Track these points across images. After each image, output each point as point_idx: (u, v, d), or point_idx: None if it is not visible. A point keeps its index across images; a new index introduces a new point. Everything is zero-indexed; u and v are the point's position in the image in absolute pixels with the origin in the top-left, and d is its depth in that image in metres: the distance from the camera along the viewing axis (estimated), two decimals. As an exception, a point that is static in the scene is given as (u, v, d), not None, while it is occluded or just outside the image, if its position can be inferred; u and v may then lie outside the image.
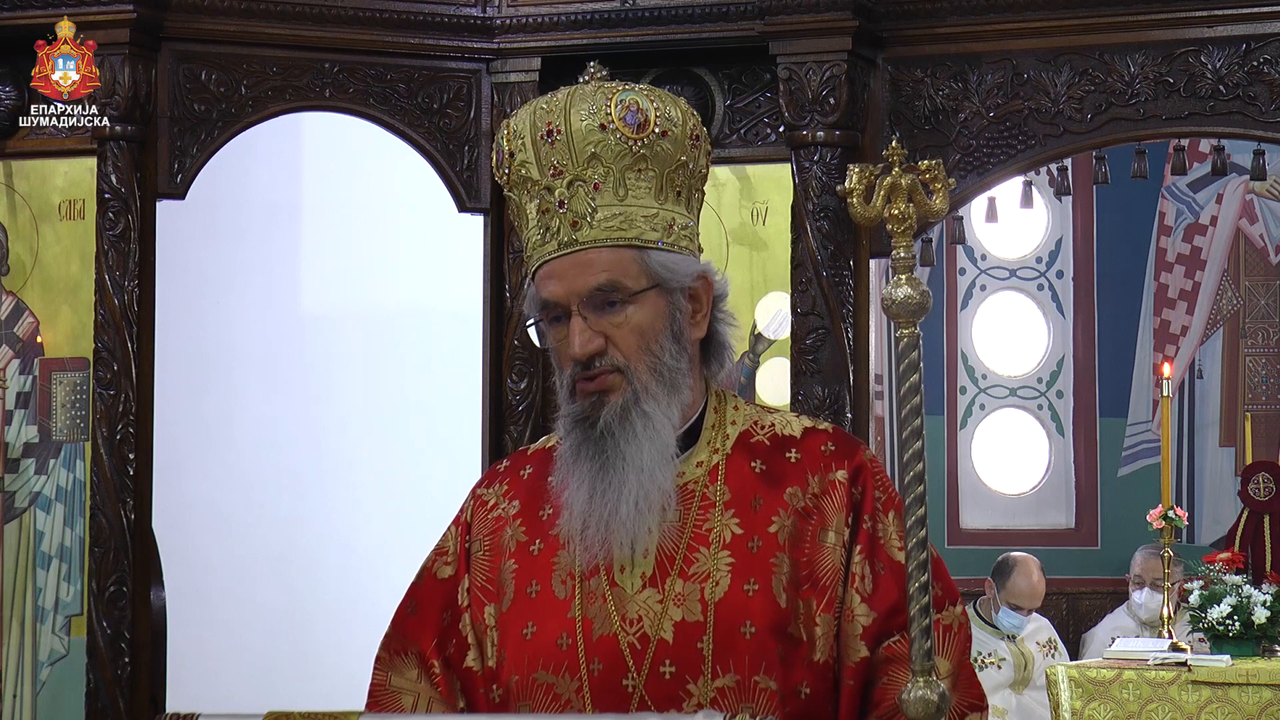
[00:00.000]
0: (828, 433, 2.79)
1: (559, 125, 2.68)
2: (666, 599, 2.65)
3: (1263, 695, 7.39)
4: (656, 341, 2.68)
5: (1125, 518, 10.08)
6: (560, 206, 2.69)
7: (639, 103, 2.68)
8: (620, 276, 2.67)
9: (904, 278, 2.37)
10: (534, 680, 2.67)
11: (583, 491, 2.67)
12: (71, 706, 5.83)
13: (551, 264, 2.71)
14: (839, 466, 2.73)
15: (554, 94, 2.73)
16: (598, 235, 2.68)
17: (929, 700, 2.34)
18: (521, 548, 2.76)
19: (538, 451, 2.88)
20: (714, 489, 2.71)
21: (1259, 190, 10.63)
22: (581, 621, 2.67)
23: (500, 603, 2.75)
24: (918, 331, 2.35)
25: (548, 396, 6.11)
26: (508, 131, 2.74)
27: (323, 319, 7.40)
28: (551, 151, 2.68)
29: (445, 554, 2.87)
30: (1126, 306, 10.81)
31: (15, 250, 6.06)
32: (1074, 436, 10.93)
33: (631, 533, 2.65)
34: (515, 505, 2.81)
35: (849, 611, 2.67)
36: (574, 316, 2.67)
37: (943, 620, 2.68)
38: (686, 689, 2.62)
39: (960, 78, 5.78)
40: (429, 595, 2.84)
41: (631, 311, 2.67)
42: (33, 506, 5.97)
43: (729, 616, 2.63)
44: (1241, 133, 5.75)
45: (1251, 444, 10.14)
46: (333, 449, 7.27)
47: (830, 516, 2.70)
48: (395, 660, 2.81)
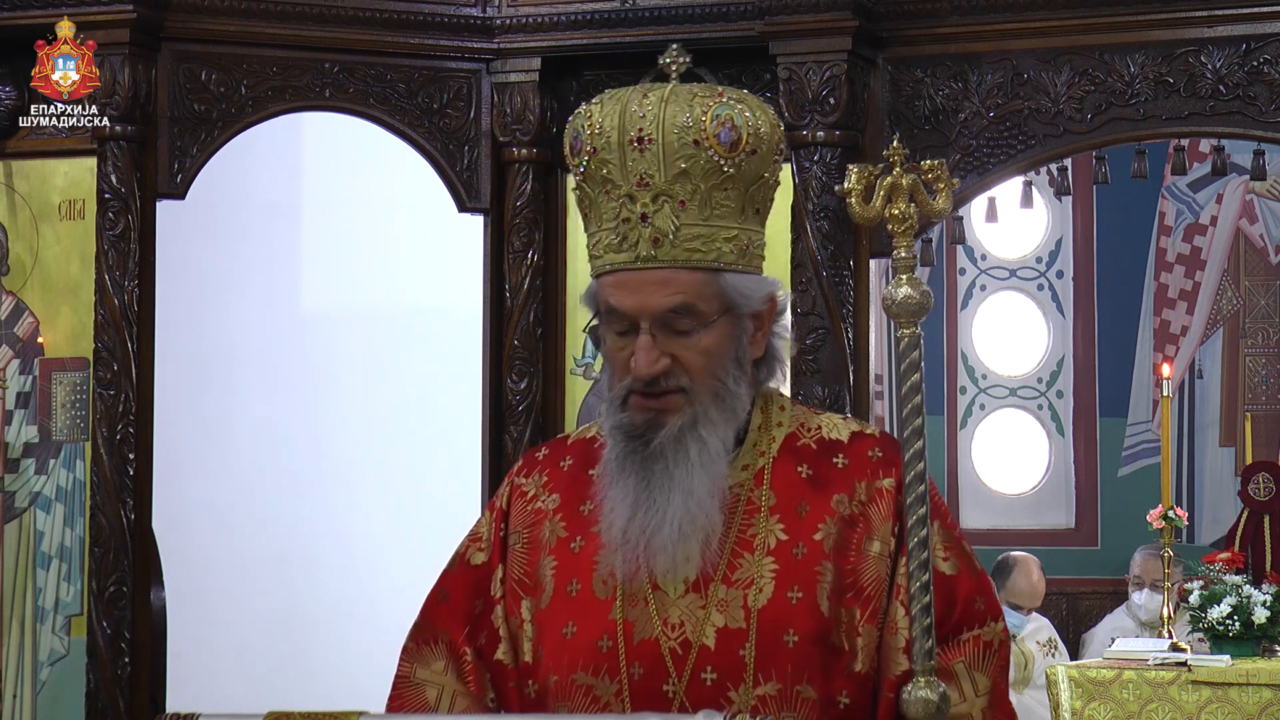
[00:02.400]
0: (875, 438, 2.74)
1: (651, 134, 2.60)
2: (709, 605, 2.61)
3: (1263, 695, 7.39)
4: (721, 366, 2.63)
5: (1125, 518, 10.08)
6: (643, 220, 2.61)
7: (734, 119, 2.61)
8: (696, 301, 2.61)
9: (904, 278, 2.37)
10: (573, 681, 2.64)
11: (625, 505, 2.63)
12: (71, 706, 5.83)
13: (625, 274, 2.63)
14: (886, 474, 2.68)
15: (645, 93, 2.65)
16: (678, 255, 2.61)
17: (929, 700, 2.34)
18: (562, 544, 2.72)
19: (578, 441, 2.82)
20: (759, 493, 2.67)
21: (1259, 190, 10.63)
22: (623, 624, 2.63)
23: (538, 599, 2.71)
24: (918, 331, 2.35)
25: (548, 396, 6.11)
26: (591, 124, 2.65)
27: (323, 319, 7.40)
28: (640, 160, 2.61)
29: (479, 540, 2.81)
30: (1126, 306, 10.81)
31: (15, 250, 6.06)
32: (1074, 436, 10.93)
33: (671, 556, 2.60)
34: (555, 499, 2.76)
35: (892, 623, 2.64)
36: (643, 334, 2.60)
37: (983, 636, 2.66)
38: (727, 696, 2.59)
39: (960, 78, 5.78)
40: (460, 583, 2.80)
41: (702, 335, 2.62)
42: (33, 506, 5.97)
43: (772, 624, 2.60)
44: (1241, 133, 5.75)
45: (1251, 444, 10.13)
46: (333, 449, 7.27)
47: (876, 525, 2.66)
48: (422, 650, 2.78)
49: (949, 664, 2.62)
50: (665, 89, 2.64)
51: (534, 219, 6.09)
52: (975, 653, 2.64)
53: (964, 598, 2.67)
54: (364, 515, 7.25)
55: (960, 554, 2.70)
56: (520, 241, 6.09)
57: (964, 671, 2.63)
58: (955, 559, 2.69)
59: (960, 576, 2.68)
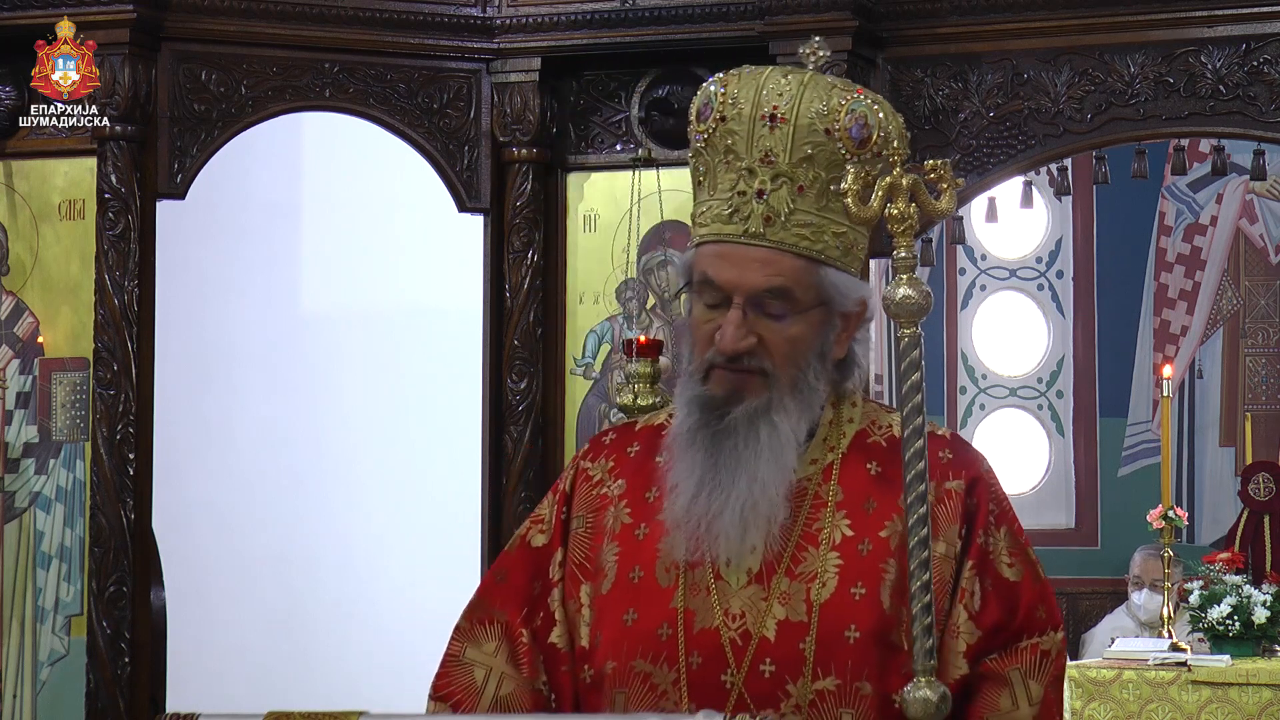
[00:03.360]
0: (945, 439, 2.72)
1: (785, 114, 2.59)
2: (771, 596, 2.60)
3: (1263, 695, 7.39)
4: (804, 357, 2.61)
5: (1125, 518, 10.07)
6: (759, 196, 2.59)
7: (868, 118, 2.59)
8: (794, 286, 2.59)
9: (905, 278, 2.36)
10: (631, 668, 2.63)
11: (691, 481, 2.62)
12: (71, 706, 5.83)
13: (728, 245, 2.61)
14: (955, 476, 2.67)
15: (785, 73, 2.64)
16: (786, 238, 2.59)
17: (929, 700, 2.33)
18: (626, 530, 2.70)
19: (646, 429, 2.80)
20: (827, 488, 2.66)
21: (1259, 190, 10.62)
22: (683, 613, 2.62)
23: (599, 584, 2.69)
24: (919, 331, 2.34)
25: (548, 396, 6.11)
26: (725, 93, 2.64)
27: (323, 319, 7.40)
28: (768, 137, 2.59)
29: (541, 521, 2.79)
30: (1126, 306, 10.81)
31: (15, 250, 6.06)
32: (1074, 436, 10.93)
33: (734, 541, 2.59)
34: (620, 485, 2.74)
35: (953, 626, 2.62)
36: (734, 309, 2.59)
37: (1041, 645, 2.65)
38: (785, 689, 2.58)
39: (960, 78, 5.78)
40: (520, 563, 2.78)
41: (792, 322, 2.60)
42: (33, 506, 5.97)
43: (833, 619, 2.58)
44: (1241, 133, 5.76)
45: (1251, 444, 10.13)
46: (333, 449, 7.28)
47: (942, 526, 2.64)
48: (475, 630, 2.75)
49: (1005, 670, 2.62)
50: (806, 74, 2.63)
51: (534, 219, 6.09)
52: (1032, 661, 2.64)
53: (1026, 605, 2.66)
54: (364, 515, 7.25)
55: (1025, 561, 2.70)
56: (520, 241, 6.09)
57: (1019, 679, 2.63)
58: (1020, 565, 2.69)
59: (1024, 583, 2.67)
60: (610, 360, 6.11)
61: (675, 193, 6.03)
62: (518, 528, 2.85)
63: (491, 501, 6.09)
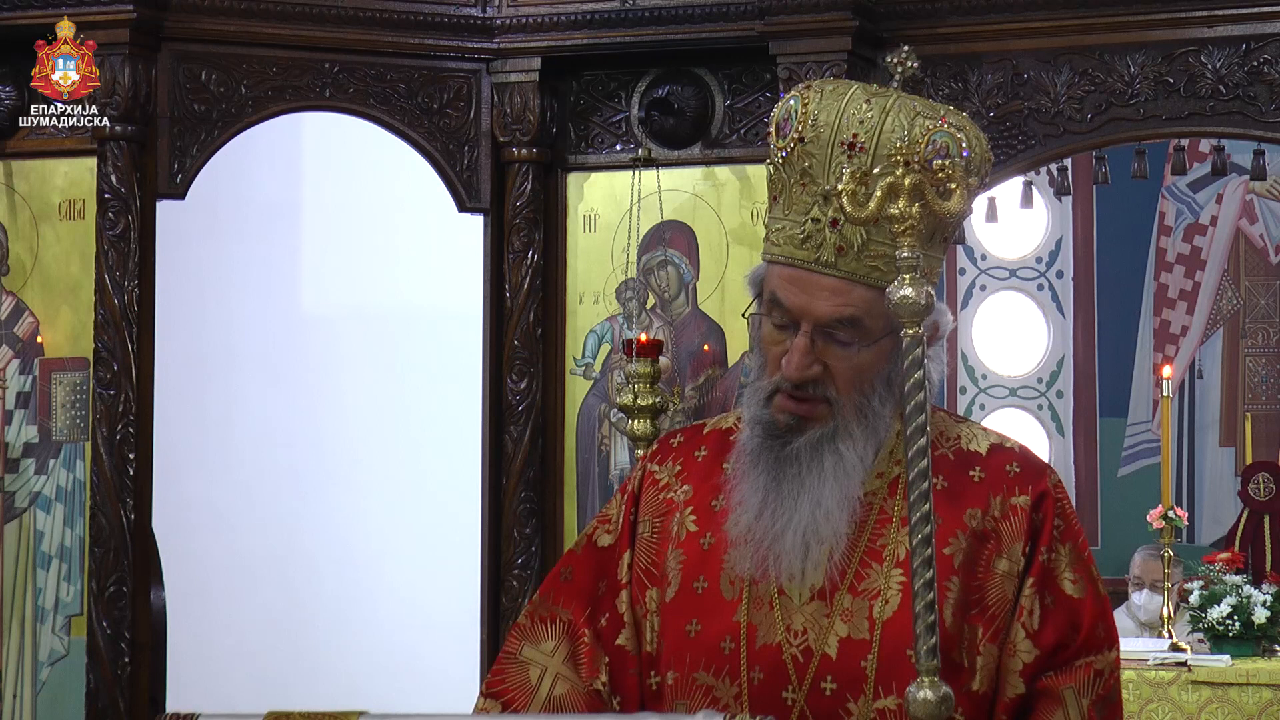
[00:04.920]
0: (1014, 452, 2.69)
1: (865, 144, 2.55)
2: (834, 614, 2.58)
3: (1263, 695, 7.39)
4: (870, 383, 2.59)
5: (1125, 518, 10.07)
6: (833, 226, 2.56)
7: (949, 147, 2.53)
8: (864, 317, 2.56)
9: (906, 278, 2.36)
10: (693, 680, 2.62)
11: (754, 502, 2.60)
12: (71, 706, 5.82)
13: (799, 270, 2.58)
14: (1023, 491, 2.64)
15: (868, 97, 2.58)
16: (858, 270, 2.56)
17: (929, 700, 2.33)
18: (691, 538, 2.69)
19: (714, 432, 2.78)
20: (892, 504, 2.63)
21: (1259, 190, 10.62)
22: (746, 627, 2.61)
23: (664, 590, 2.68)
24: (920, 331, 2.34)
25: (548, 396, 6.10)
26: (806, 112, 2.59)
27: (323, 319, 7.40)
28: (847, 165, 2.53)
29: (608, 521, 2.78)
30: (1126, 306, 10.81)
31: (15, 250, 6.06)
32: (1074, 436, 10.92)
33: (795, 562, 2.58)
34: (687, 490, 2.72)
35: (1011, 645, 2.60)
36: (801, 335, 2.56)
37: (1095, 664, 2.63)
38: (846, 707, 2.56)
39: (960, 78, 5.78)
40: (585, 563, 2.76)
41: (860, 350, 2.57)
42: (33, 506, 5.97)
43: (896, 637, 2.56)
44: (1241, 133, 5.75)
45: (1251, 444, 10.13)
46: (333, 449, 7.28)
47: (1007, 542, 2.61)
48: (536, 629, 2.74)
49: (1059, 688, 2.60)
50: (889, 98, 2.58)
51: (534, 219, 6.09)
52: (1085, 680, 2.62)
53: (1089, 624, 2.64)
54: (364, 515, 7.25)
55: (1089, 578, 2.66)
56: (520, 241, 6.09)
57: (1072, 699, 2.61)
58: (1084, 582, 2.65)
59: (1086, 601, 2.65)
60: (610, 360, 6.11)
61: (675, 193, 6.03)
62: (584, 528, 2.83)
63: (491, 501, 6.08)
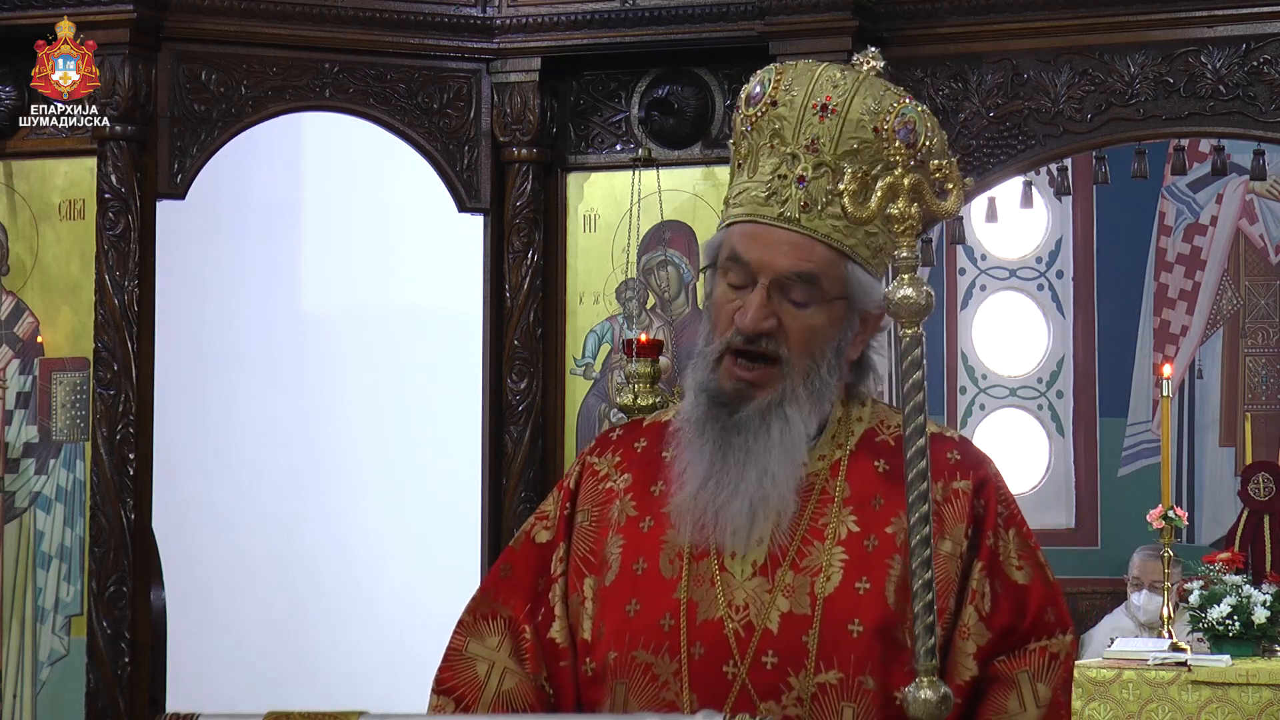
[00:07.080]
0: (954, 441, 2.74)
1: (837, 106, 2.62)
2: (775, 589, 2.61)
3: (1263, 695, 7.38)
4: (820, 349, 2.64)
5: (1125, 518, 10.07)
6: (799, 183, 2.63)
7: (917, 124, 2.61)
8: (821, 275, 2.62)
9: (906, 278, 2.36)
10: (633, 658, 2.64)
11: (699, 468, 2.63)
12: (71, 706, 5.83)
13: (761, 226, 2.64)
14: (963, 476, 2.68)
15: (842, 69, 2.67)
16: (819, 227, 2.62)
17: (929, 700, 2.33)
18: (631, 523, 2.72)
19: (654, 424, 2.82)
20: (834, 484, 2.67)
21: (1259, 190, 10.62)
22: (686, 604, 2.63)
23: (603, 576, 2.70)
24: (920, 331, 2.34)
25: (548, 396, 6.11)
26: (778, 80, 2.67)
27: (323, 319, 7.40)
28: (817, 126, 2.62)
29: (545, 518, 2.81)
30: (1126, 306, 10.81)
31: (15, 250, 6.06)
32: (1074, 436, 10.92)
33: (741, 533, 2.61)
34: (627, 478, 2.76)
35: (964, 628, 2.63)
36: (759, 289, 2.61)
37: (1050, 647, 2.66)
38: (787, 681, 2.58)
39: (960, 78, 5.78)
40: (525, 559, 2.79)
41: (814, 311, 2.62)
42: (33, 506, 5.97)
43: (837, 613, 2.59)
44: (1241, 133, 5.76)
45: (1251, 444, 10.12)
46: (333, 449, 7.28)
47: (949, 525, 2.65)
48: (479, 625, 2.77)
49: (1013, 673, 2.63)
50: (862, 74, 2.66)
51: (534, 219, 6.10)
52: (1040, 664, 2.64)
53: (1036, 608, 2.67)
54: (364, 515, 7.25)
55: (1035, 563, 2.70)
56: (520, 241, 6.09)
57: (1026, 681, 2.63)
58: (1030, 568, 2.69)
59: (1034, 586, 2.68)
60: (610, 360, 6.11)
61: (675, 193, 6.04)
62: (522, 524, 2.86)
63: (491, 501, 6.09)
